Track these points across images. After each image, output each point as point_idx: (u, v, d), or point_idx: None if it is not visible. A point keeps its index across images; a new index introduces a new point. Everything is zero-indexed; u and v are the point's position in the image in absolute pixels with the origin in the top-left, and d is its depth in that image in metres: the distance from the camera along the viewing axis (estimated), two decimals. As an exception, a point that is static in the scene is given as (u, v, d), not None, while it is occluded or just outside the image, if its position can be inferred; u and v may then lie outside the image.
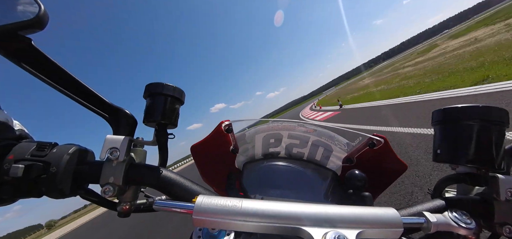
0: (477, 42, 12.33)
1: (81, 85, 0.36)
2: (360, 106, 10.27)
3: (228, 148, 0.64)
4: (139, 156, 0.41)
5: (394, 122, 4.99)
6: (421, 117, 4.49)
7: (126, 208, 0.36)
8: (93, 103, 0.38)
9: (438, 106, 0.50)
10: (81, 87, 0.37)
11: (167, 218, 5.12)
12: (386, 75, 20.18)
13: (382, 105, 7.97)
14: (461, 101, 1.25)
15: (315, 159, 0.65)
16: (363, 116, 7.45)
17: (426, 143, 3.20)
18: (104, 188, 0.33)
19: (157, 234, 4.56)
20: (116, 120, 0.39)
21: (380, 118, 6.09)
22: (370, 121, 6.23)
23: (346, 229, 0.26)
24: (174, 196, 0.36)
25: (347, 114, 9.54)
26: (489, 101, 3.95)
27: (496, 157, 0.37)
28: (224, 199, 0.27)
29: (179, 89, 0.42)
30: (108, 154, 0.34)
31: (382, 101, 8.94)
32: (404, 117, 5.10)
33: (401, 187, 2.40)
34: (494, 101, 3.83)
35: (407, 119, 4.81)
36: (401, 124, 4.60)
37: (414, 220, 0.31)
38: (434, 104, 5.24)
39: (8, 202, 0.30)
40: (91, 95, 0.38)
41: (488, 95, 4.30)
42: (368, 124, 5.97)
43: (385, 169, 0.58)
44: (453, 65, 9.33)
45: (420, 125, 4.06)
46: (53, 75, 0.34)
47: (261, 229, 0.27)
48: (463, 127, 0.39)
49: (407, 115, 5.10)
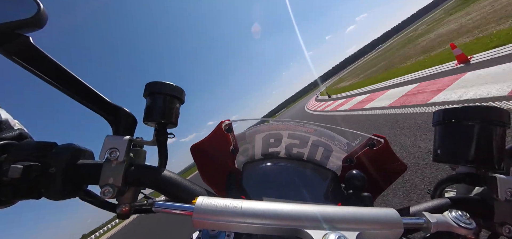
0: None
1: (81, 84, 0.36)
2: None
3: (228, 148, 0.64)
4: (139, 156, 0.41)
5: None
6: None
7: (126, 210, 0.35)
8: (93, 102, 0.38)
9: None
10: (81, 86, 0.36)
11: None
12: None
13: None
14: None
15: (315, 159, 0.65)
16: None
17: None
18: (103, 189, 0.32)
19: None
20: (115, 119, 0.39)
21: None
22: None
23: (346, 230, 0.26)
24: (174, 197, 0.36)
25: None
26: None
27: (496, 157, 0.38)
28: (224, 200, 0.27)
29: (179, 88, 0.42)
30: (107, 154, 0.34)
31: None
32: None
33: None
34: None
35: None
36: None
37: (414, 220, 0.31)
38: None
39: (7, 204, 0.30)
40: (91, 94, 0.38)
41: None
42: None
43: (385, 169, 0.58)
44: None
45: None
46: (53, 73, 0.34)
47: (261, 230, 0.26)
48: (464, 127, 0.39)
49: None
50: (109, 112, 0.39)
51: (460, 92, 3.83)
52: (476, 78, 4.03)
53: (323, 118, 10.43)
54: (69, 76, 0.35)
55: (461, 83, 4.24)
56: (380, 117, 5.26)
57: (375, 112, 5.94)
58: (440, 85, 4.77)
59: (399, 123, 4.13)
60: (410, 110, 4.46)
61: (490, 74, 3.83)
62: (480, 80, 3.85)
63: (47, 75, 0.34)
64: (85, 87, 0.37)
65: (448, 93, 4.11)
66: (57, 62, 0.34)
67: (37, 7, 0.30)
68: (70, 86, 0.36)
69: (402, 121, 4.15)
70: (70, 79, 0.35)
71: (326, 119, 9.25)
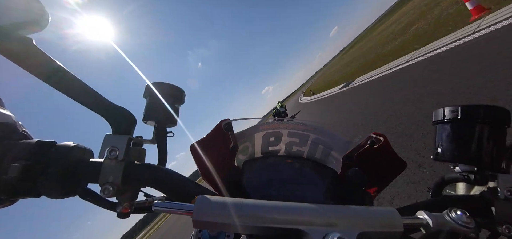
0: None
1: (80, 84, 0.36)
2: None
3: (228, 146, 0.64)
4: (138, 155, 0.41)
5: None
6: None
7: (126, 208, 0.35)
8: (93, 102, 0.38)
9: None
10: (81, 86, 0.37)
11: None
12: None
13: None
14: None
15: (314, 157, 0.65)
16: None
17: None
18: (103, 187, 0.33)
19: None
20: (115, 118, 0.39)
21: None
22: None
23: (347, 229, 0.26)
24: (173, 195, 0.36)
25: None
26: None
27: (496, 156, 0.38)
28: (224, 199, 0.27)
29: (179, 88, 0.42)
30: (107, 152, 0.34)
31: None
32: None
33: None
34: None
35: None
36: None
37: (414, 219, 0.31)
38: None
39: (7, 203, 0.30)
40: (91, 94, 0.38)
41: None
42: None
43: (384, 168, 0.58)
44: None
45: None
46: (54, 75, 0.34)
47: (261, 230, 0.26)
48: (464, 126, 0.39)
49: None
50: (109, 111, 0.39)
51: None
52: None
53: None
54: (70, 78, 0.35)
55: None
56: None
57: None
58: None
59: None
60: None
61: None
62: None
63: (49, 77, 0.34)
64: (85, 88, 0.37)
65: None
66: (59, 64, 0.34)
67: (38, 7, 0.30)
68: (71, 87, 0.36)
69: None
70: (71, 81, 0.36)
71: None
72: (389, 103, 4.54)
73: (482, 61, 3.50)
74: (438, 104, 3.26)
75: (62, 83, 0.35)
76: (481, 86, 2.92)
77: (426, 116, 3.18)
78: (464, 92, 3.11)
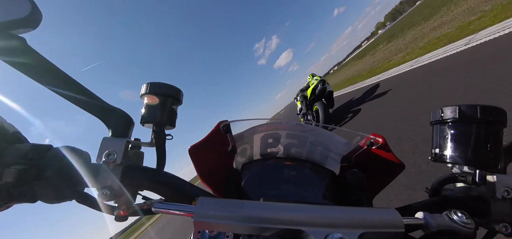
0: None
1: (76, 85, 0.36)
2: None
3: (226, 148, 0.63)
4: (136, 158, 0.41)
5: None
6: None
7: (124, 212, 0.35)
8: (89, 103, 0.37)
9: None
10: (77, 88, 0.36)
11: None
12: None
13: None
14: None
15: (313, 158, 0.65)
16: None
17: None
18: (100, 191, 0.32)
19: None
20: (112, 120, 0.39)
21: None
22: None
23: (347, 230, 0.26)
24: (172, 198, 0.36)
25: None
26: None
27: (494, 156, 0.38)
28: (224, 200, 0.27)
29: (177, 88, 0.42)
30: (104, 156, 0.33)
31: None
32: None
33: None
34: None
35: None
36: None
37: (414, 220, 0.31)
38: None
39: (2, 208, 0.29)
40: (87, 96, 0.37)
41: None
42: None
43: (383, 169, 0.58)
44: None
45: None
46: (48, 75, 0.34)
47: (261, 231, 0.26)
48: (461, 126, 0.40)
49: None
50: (106, 114, 0.38)
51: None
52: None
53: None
54: (65, 78, 0.35)
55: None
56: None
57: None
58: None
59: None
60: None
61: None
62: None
63: (43, 78, 0.33)
64: (81, 89, 0.36)
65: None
66: (53, 64, 0.33)
67: (30, 6, 0.30)
68: (67, 88, 0.35)
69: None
70: (66, 82, 0.35)
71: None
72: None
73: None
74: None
75: (57, 85, 0.34)
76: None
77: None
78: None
